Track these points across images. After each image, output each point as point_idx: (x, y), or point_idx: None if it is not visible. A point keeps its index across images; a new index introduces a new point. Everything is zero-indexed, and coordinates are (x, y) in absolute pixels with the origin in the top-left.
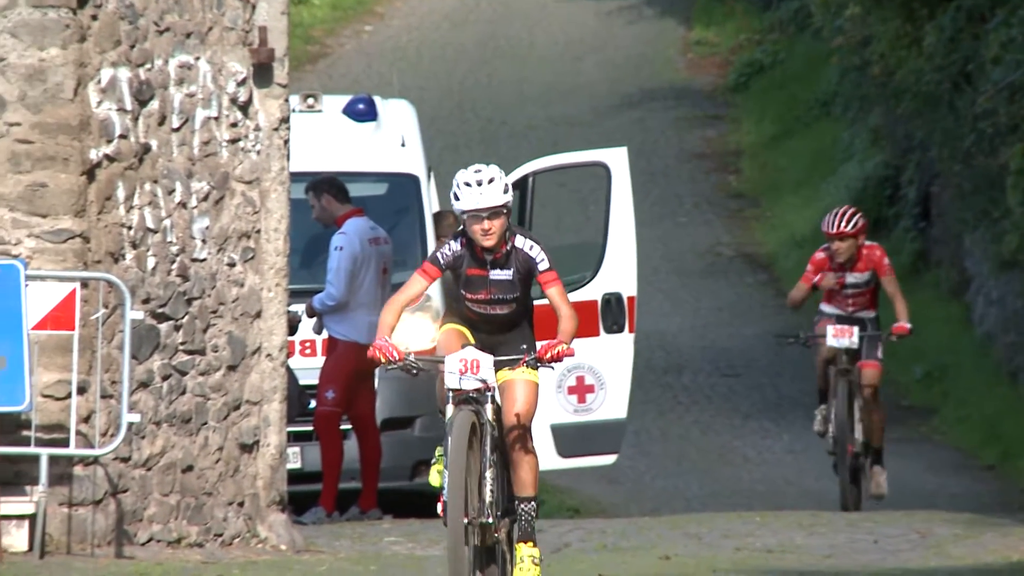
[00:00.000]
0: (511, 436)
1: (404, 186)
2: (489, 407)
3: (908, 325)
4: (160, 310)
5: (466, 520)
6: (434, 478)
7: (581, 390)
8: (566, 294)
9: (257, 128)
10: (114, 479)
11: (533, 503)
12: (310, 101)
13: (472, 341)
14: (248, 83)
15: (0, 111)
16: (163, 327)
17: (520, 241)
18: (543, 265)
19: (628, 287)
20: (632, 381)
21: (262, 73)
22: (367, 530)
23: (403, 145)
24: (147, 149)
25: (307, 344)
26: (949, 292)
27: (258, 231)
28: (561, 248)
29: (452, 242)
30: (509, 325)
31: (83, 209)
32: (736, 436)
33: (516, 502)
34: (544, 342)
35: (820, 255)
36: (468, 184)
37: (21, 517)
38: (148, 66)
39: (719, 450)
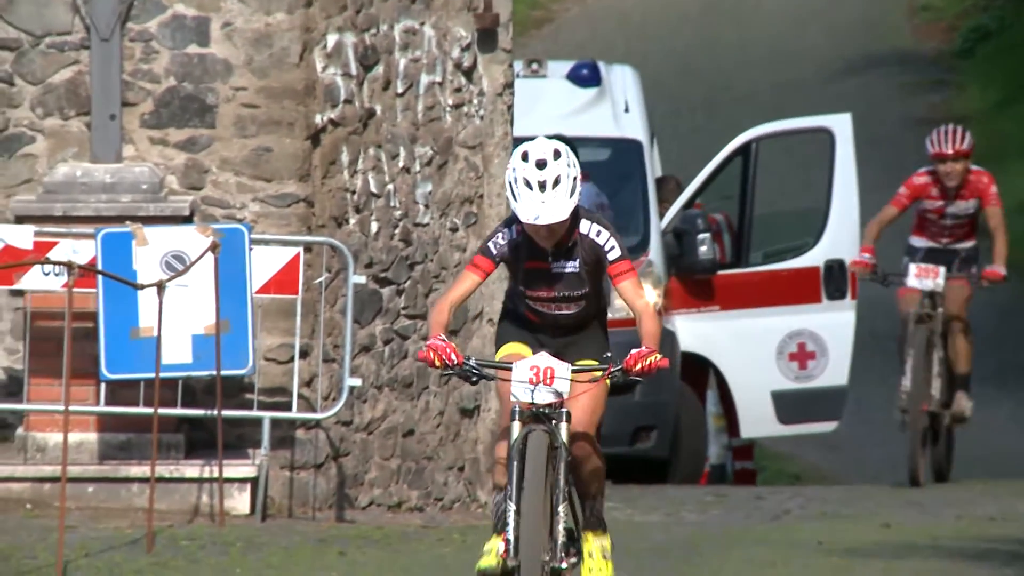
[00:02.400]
0: (576, 439)
1: (627, 151)
2: (564, 427)
3: (1003, 270)
4: (383, 275)
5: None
6: (484, 560)
7: (802, 356)
8: (642, 287)
9: (481, 93)
10: (336, 443)
11: (600, 496)
12: (534, 66)
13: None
14: (472, 48)
15: (227, 76)
16: (385, 292)
17: (585, 226)
18: (613, 254)
19: (851, 254)
20: (854, 348)
21: (486, 38)
22: None
23: (626, 110)
24: (371, 114)
25: None
26: None
27: (480, 196)
28: (784, 214)
29: (506, 230)
30: (578, 326)
31: (307, 174)
32: None
33: (581, 498)
34: (635, 350)
35: (921, 179)
36: (528, 185)
37: (243, 480)
38: (373, 31)
39: None
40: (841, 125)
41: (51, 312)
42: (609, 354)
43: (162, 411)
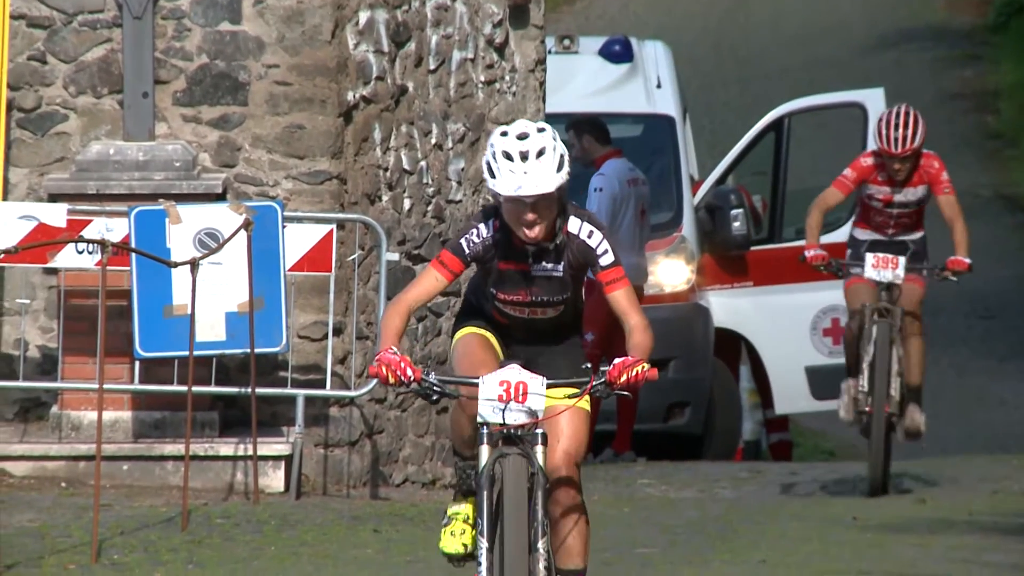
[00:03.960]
0: (554, 487)
1: (660, 127)
2: (540, 449)
3: (967, 260)
4: (416, 251)
5: None
6: (448, 542)
7: (836, 332)
8: (635, 298)
9: (513, 69)
10: (369, 420)
11: (584, 553)
12: (566, 42)
13: (500, 353)
14: (504, 24)
15: (259, 53)
16: (418, 268)
17: (575, 225)
18: (606, 259)
19: None
20: None
21: (518, 14)
22: (621, 472)
23: (659, 86)
24: (404, 91)
25: None
26: None
27: None
28: (817, 189)
29: (481, 225)
30: (553, 333)
31: (340, 151)
32: (992, 379)
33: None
34: (619, 359)
35: (868, 161)
36: (508, 156)
37: (278, 458)
38: (405, 8)
39: (975, 393)
40: (874, 100)
41: (85, 290)
42: (588, 365)
43: (196, 389)
